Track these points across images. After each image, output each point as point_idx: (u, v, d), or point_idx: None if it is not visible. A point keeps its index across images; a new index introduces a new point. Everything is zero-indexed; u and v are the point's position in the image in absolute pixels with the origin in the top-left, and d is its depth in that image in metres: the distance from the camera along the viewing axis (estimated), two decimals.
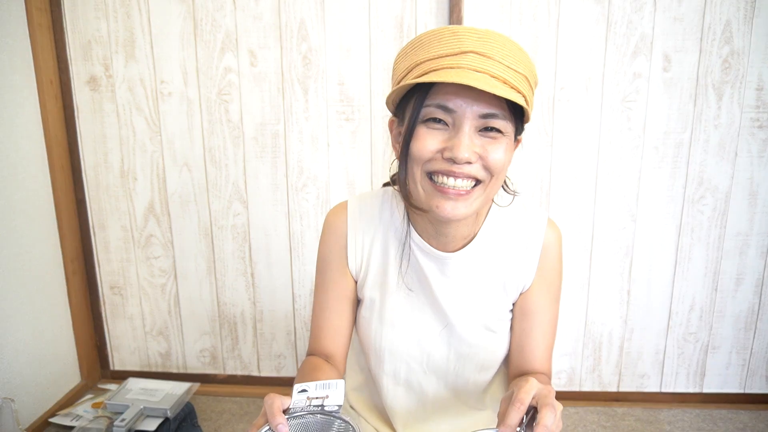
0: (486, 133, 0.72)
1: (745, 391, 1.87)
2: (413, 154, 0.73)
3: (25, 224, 1.67)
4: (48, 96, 1.72)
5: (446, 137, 0.72)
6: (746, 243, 1.75)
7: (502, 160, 0.73)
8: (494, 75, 0.68)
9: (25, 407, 1.65)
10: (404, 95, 0.76)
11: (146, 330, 1.97)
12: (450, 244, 0.85)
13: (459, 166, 0.71)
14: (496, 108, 0.70)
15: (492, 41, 0.69)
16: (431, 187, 0.73)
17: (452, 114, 0.70)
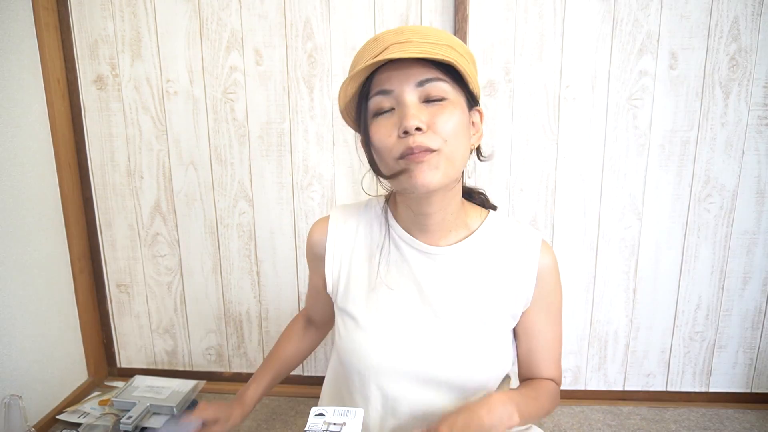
0: (432, 103, 0.74)
1: (752, 391, 1.86)
2: (377, 147, 0.76)
3: (33, 222, 1.68)
4: (55, 95, 1.73)
5: (396, 119, 0.74)
6: (753, 242, 1.74)
7: (450, 123, 0.74)
8: (416, 51, 0.70)
9: (32, 404, 1.66)
10: (356, 108, 0.81)
11: (153, 328, 1.98)
12: (437, 236, 0.86)
13: (413, 138, 0.72)
14: (430, 74, 0.73)
15: (408, 31, 0.73)
16: (402, 164, 0.74)
17: (393, 94, 0.74)
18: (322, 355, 1.93)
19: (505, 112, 1.69)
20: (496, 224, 0.90)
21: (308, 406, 1.82)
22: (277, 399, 1.88)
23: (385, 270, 0.87)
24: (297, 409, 1.82)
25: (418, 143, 0.72)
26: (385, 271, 0.87)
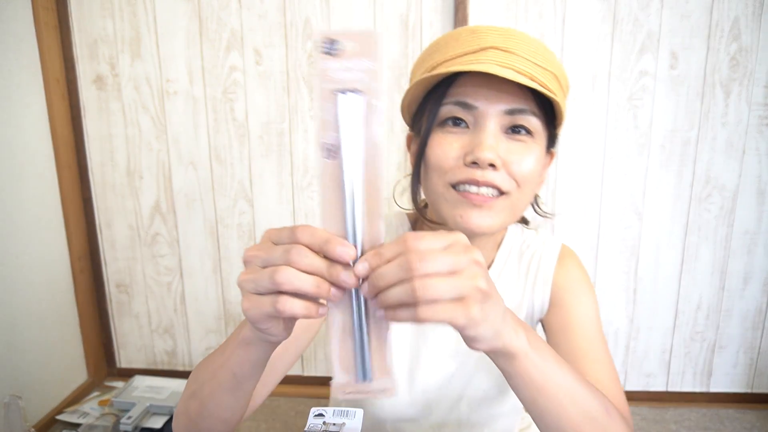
0: (514, 136, 0.63)
1: (753, 391, 1.86)
2: (431, 163, 0.64)
3: (32, 223, 1.68)
4: (55, 95, 1.73)
5: (467, 140, 0.63)
6: (754, 241, 1.74)
7: (530, 168, 0.63)
8: (519, 70, 0.60)
9: (32, 404, 1.66)
10: (421, 103, 0.68)
11: (152, 328, 1.98)
12: None
13: (482, 171, 0.61)
14: (523, 104, 0.62)
15: (515, 37, 0.62)
16: (455, 196, 0.63)
17: (473, 111, 0.62)
18: (322, 355, 1.93)
19: None
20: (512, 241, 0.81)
21: (308, 406, 1.82)
22: (277, 399, 1.88)
23: None
24: (297, 410, 1.82)
25: (487, 180, 0.61)
26: None
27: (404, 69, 1.69)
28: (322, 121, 0.40)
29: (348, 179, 0.40)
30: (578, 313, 0.77)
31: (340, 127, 0.40)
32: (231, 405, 0.58)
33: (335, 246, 0.40)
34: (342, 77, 0.39)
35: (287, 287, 0.40)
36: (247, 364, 0.53)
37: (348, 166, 0.40)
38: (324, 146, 0.40)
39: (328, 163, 0.41)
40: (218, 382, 0.56)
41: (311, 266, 0.41)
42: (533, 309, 0.80)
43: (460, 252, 0.41)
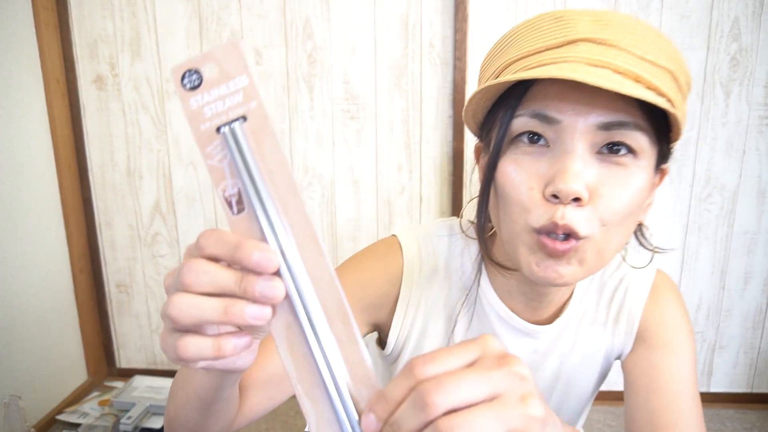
0: (610, 157, 0.48)
1: (753, 391, 1.86)
2: (506, 196, 0.51)
3: (32, 223, 1.68)
4: (54, 95, 1.73)
5: (546, 164, 0.49)
6: (754, 241, 1.74)
7: (626, 204, 0.48)
8: (619, 69, 0.45)
9: (32, 404, 1.66)
10: (491, 110, 0.54)
11: (152, 328, 1.98)
12: (542, 311, 0.64)
13: (563, 210, 0.47)
14: (623, 114, 0.46)
15: (615, 23, 0.47)
16: (534, 241, 0.50)
17: (554, 126, 0.48)
18: None
19: None
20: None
21: None
22: None
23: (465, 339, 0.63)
24: (297, 410, 1.82)
25: (565, 223, 0.47)
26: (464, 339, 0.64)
27: (404, 69, 1.69)
28: (213, 170, 0.32)
29: (265, 224, 0.32)
30: (669, 365, 0.62)
31: (238, 169, 0.32)
32: (202, 422, 0.51)
33: (250, 251, 0.30)
34: (217, 109, 0.32)
35: (185, 321, 0.31)
36: (211, 390, 0.45)
37: (262, 212, 0.32)
38: (227, 200, 0.33)
39: (238, 219, 0.33)
40: (186, 397, 0.48)
41: (213, 284, 0.31)
42: (612, 348, 0.67)
43: (493, 366, 0.30)
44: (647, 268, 0.66)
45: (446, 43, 1.66)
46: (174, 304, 0.31)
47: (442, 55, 1.67)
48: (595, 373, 0.69)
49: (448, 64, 1.67)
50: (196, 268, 0.31)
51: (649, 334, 0.65)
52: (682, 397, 0.60)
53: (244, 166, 0.32)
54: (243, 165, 0.32)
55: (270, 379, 0.59)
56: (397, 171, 1.77)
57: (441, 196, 1.78)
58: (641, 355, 0.64)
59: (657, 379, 0.62)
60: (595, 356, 0.67)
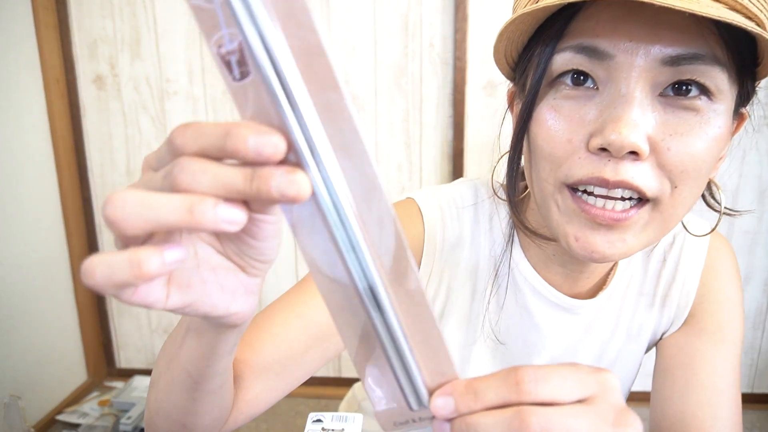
0: (678, 100, 0.39)
1: (754, 391, 1.86)
2: (538, 146, 0.42)
3: (32, 223, 1.68)
4: (54, 95, 1.73)
5: (595, 110, 0.40)
6: (755, 241, 1.74)
7: (700, 156, 0.39)
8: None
9: (31, 405, 1.66)
10: (527, 46, 0.45)
11: (152, 328, 1.98)
12: (582, 284, 0.55)
13: (615, 164, 0.38)
14: (698, 45, 0.37)
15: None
16: (569, 205, 0.42)
17: (606, 62, 0.39)
18: None
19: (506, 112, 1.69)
20: None
21: (308, 407, 1.82)
22: None
23: (495, 316, 0.57)
24: (297, 410, 1.82)
25: (622, 178, 0.38)
26: (495, 317, 0.57)
27: (404, 69, 1.68)
28: (200, 14, 0.22)
29: (280, 94, 0.22)
30: (715, 355, 0.54)
31: (233, 10, 0.21)
32: (190, 409, 0.41)
33: (244, 136, 0.22)
34: None
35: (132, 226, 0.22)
36: (201, 358, 0.36)
37: (273, 76, 0.21)
38: (223, 59, 0.22)
39: (242, 86, 0.23)
40: (172, 377, 0.40)
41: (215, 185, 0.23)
42: (659, 325, 0.59)
43: (608, 421, 0.27)
44: (699, 233, 0.55)
45: (446, 43, 1.66)
46: (114, 201, 0.22)
47: (442, 55, 1.67)
48: (640, 354, 0.61)
49: (448, 64, 1.67)
50: (191, 166, 0.23)
51: (702, 314, 0.56)
52: (723, 396, 0.53)
53: (245, 7, 0.21)
54: (243, 5, 0.21)
55: (270, 365, 0.49)
56: (397, 171, 1.76)
57: None
58: (688, 339, 0.56)
59: (699, 370, 0.54)
60: (642, 335, 0.59)
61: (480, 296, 0.57)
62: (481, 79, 1.67)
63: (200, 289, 0.28)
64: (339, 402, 1.39)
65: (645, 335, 0.59)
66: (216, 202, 0.23)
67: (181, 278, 0.27)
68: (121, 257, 0.22)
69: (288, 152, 0.22)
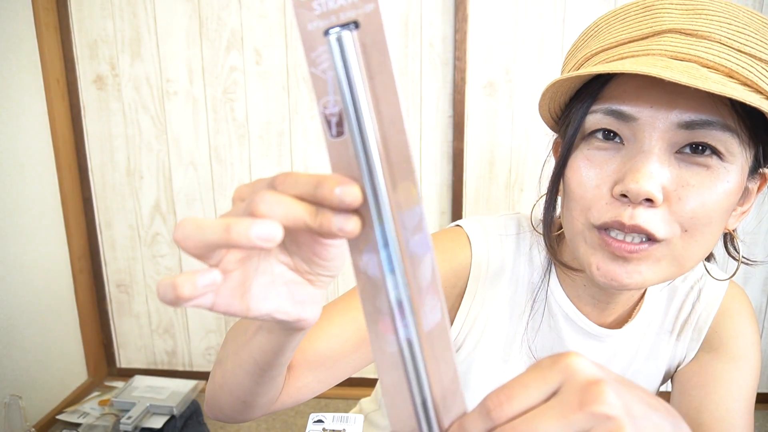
0: (693, 158, 0.44)
1: None
2: (571, 191, 0.49)
3: (33, 223, 1.68)
4: (55, 95, 1.73)
5: (619, 163, 0.46)
6: (754, 241, 1.74)
7: (709, 207, 0.44)
8: (708, 63, 0.42)
9: (32, 404, 1.66)
10: (568, 104, 0.52)
11: (152, 328, 1.98)
12: (610, 314, 0.61)
13: (632, 210, 0.44)
14: (709, 113, 0.43)
15: (710, 12, 0.43)
16: (595, 239, 0.48)
17: (631, 124, 0.45)
18: None
19: (505, 112, 1.69)
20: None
21: (308, 407, 1.82)
22: None
23: (532, 336, 0.63)
24: (297, 409, 1.82)
25: (636, 223, 0.44)
26: (532, 337, 0.63)
27: (404, 69, 1.69)
28: (316, 80, 0.28)
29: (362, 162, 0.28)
30: (731, 379, 0.58)
31: (340, 86, 0.27)
32: (252, 390, 0.48)
33: (331, 186, 0.27)
34: (329, 6, 0.27)
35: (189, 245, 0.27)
36: (270, 352, 0.42)
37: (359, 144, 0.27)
38: (327, 119, 0.28)
39: (336, 143, 0.28)
40: (240, 362, 0.46)
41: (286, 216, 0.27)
42: (675, 357, 0.64)
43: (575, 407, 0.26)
44: (718, 279, 0.62)
45: (446, 43, 1.66)
46: (179, 225, 0.27)
47: (442, 55, 1.67)
48: (656, 383, 0.66)
49: (448, 64, 1.67)
50: (270, 198, 0.27)
51: (718, 344, 0.61)
52: (734, 415, 0.56)
53: (348, 85, 0.27)
54: (346, 83, 0.27)
55: (322, 360, 0.55)
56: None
57: (441, 196, 1.78)
58: (703, 363, 0.61)
59: (714, 391, 0.58)
60: (660, 365, 0.64)
61: (517, 319, 0.63)
62: (481, 79, 1.67)
63: (276, 300, 0.33)
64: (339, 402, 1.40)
65: (662, 366, 0.64)
66: (251, 222, 0.26)
67: (260, 292, 0.32)
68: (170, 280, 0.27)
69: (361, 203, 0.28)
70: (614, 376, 0.29)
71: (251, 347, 0.43)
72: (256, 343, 0.42)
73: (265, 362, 0.43)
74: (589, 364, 0.28)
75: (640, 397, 0.28)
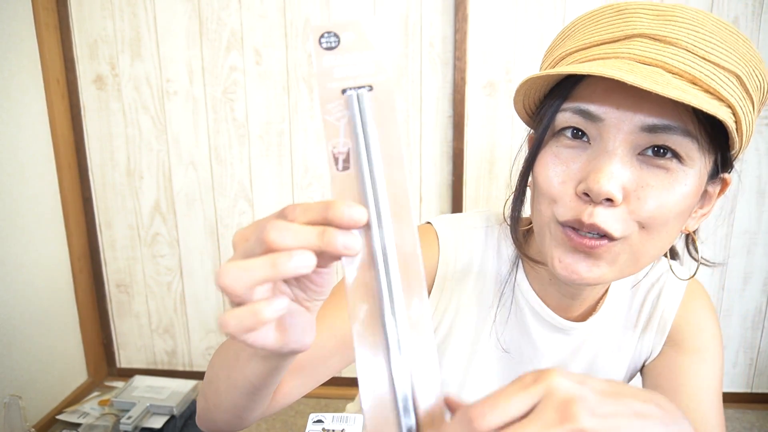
0: (653, 160, 0.46)
1: (752, 391, 1.86)
2: (538, 185, 0.51)
3: (32, 222, 1.68)
4: (55, 95, 1.73)
5: (585, 161, 0.48)
6: (754, 241, 1.74)
7: (668, 206, 0.46)
8: (673, 69, 0.44)
9: (32, 404, 1.66)
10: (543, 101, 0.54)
11: (152, 328, 1.98)
12: (574, 308, 0.63)
13: (592, 208, 0.46)
14: (671, 118, 0.44)
15: (680, 19, 0.45)
16: (559, 233, 0.50)
17: (597, 124, 0.47)
18: None
19: (505, 112, 1.69)
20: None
21: (308, 407, 1.82)
22: None
23: (501, 328, 0.65)
24: (297, 410, 1.82)
25: (593, 222, 0.46)
26: (500, 330, 0.65)
27: (404, 69, 1.69)
28: (328, 126, 0.34)
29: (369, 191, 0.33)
30: (697, 371, 0.61)
31: (356, 131, 0.34)
32: (248, 406, 0.51)
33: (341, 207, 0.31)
34: (347, 73, 0.34)
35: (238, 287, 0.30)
36: (265, 375, 0.44)
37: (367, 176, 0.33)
38: (334, 156, 0.34)
39: (341, 175, 0.34)
40: (233, 383, 0.48)
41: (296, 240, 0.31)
42: (641, 352, 0.67)
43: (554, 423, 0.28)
44: (679, 276, 0.64)
45: (446, 43, 1.66)
46: (222, 273, 0.30)
47: (442, 55, 1.67)
48: (621, 377, 0.69)
49: (448, 64, 1.67)
50: (278, 225, 0.31)
51: (681, 339, 0.64)
52: (706, 405, 0.59)
53: (363, 130, 0.33)
54: (362, 128, 0.33)
55: (304, 366, 0.58)
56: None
57: (441, 196, 1.78)
58: (670, 358, 0.64)
59: (682, 383, 0.61)
60: (624, 359, 0.67)
61: (485, 311, 0.65)
62: (481, 79, 1.67)
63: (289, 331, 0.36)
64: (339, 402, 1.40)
65: (626, 359, 0.67)
66: (291, 254, 0.30)
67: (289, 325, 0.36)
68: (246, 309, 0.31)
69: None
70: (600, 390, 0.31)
71: (246, 372, 0.45)
72: (252, 368, 0.44)
73: (260, 383, 0.46)
74: (569, 383, 0.30)
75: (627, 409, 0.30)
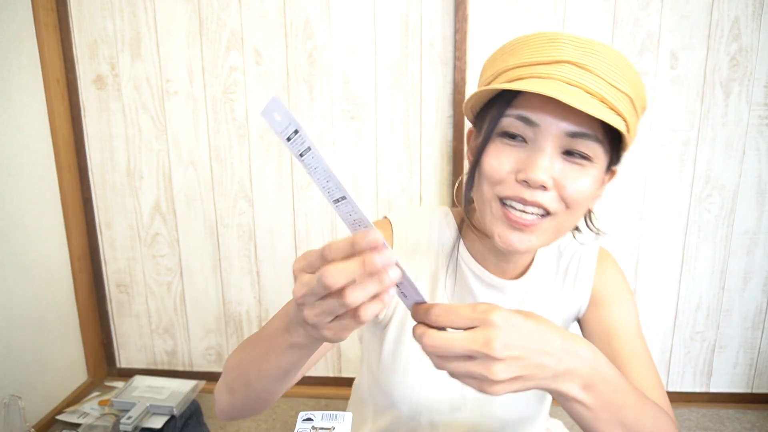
0: (570, 158, 0.62)
1: (753, 391, 1.86)
2: (484, 171, 0.64)
3: (33, 222, 1.68)
4: (54, 95, 1.73)
5: (523, 156, 0.62)
6: (754, 241, 1.74)
7: (583, 192, 0.63)
8: (590, 91, 0.59)
9: (31, 405, 1.66)
10: (485, 104, 0.67)
11: (152, 328, 1.98)
12: (509, 271, 0.78)
13: (531, 191, 0.61)
14: (587, 128, 0.60)
15: (595, 52, 0.60)
16: (498, 211, 0.64)
17: (534, 128, 0.61)
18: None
19: None
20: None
21: (308, 407, 1.82)
22: None
23: (450, 293, 0.79)
24: (297, 409, 1.82)
25: (535, 200, 0.61)
26: (450, 294, 0.79)
27: (404, 69, 1.69)
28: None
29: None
30: (620, 317, 0.78)
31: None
32: (278, 389, 0.65)
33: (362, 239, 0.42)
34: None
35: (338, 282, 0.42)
36: (299, 361, 0.57)
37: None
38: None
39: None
40: (266, 373, 0.61)
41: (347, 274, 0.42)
42: (570, 310, 0.82)
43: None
44: (594, 245, 0.83)
45: (446, 43, 1.66)
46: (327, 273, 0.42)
47: (442, 55, 1.67)
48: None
49: (448, 64, 1.67)
50: (331, 270, 0.42)
51: (600, 297, 0.80)
52: (633, 337, 0.76)
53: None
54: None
55: None
56: (397, 171, 1.77)
57: (441, 196, 1.78)
58: (596, 312, 0.80)
59: (612, 326, 0.77)
60: (557, 314, 0.81)
61: (435, 281, 0.79)
62: None
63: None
64: (339, 402, 1.40)
65: (559, 314, 0.81)
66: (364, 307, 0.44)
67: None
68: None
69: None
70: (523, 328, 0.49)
71: (281, 362, 0.58)
72: (286, 357, 0.57)
73: (293, 368, 0.59)
74: (502, 319, 0.47)
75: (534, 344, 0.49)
